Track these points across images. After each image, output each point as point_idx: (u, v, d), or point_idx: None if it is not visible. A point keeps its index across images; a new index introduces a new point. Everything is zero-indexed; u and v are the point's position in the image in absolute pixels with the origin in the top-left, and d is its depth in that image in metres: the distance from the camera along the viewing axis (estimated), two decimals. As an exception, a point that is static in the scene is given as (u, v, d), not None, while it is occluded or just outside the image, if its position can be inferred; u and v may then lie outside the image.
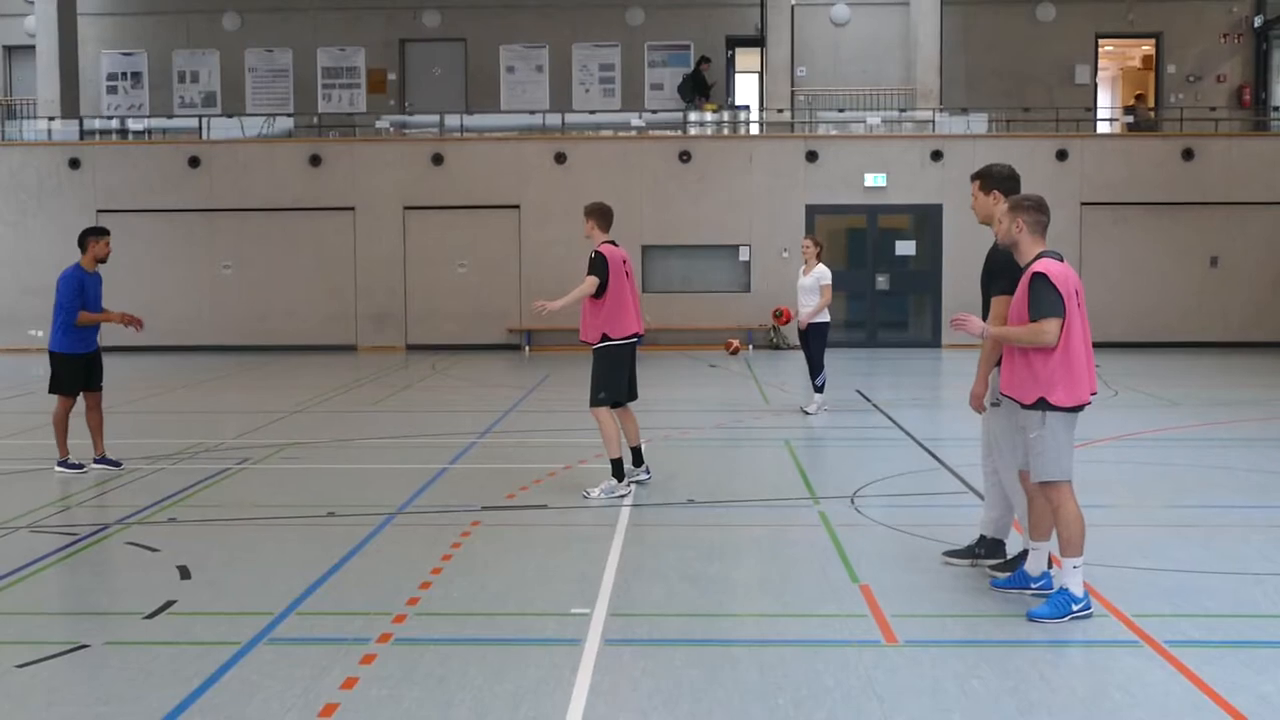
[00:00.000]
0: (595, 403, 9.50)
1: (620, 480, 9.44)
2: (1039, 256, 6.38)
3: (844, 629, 6.21)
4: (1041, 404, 6.27)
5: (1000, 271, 6.82)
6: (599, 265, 9.42)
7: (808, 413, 13.95)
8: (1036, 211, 6.44)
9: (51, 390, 10.79)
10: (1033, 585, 6.67)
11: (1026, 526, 6.93)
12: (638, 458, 9.87)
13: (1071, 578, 6.28)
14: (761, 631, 6.25)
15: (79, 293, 10.56)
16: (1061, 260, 6.41)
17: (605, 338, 9.46)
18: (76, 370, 10.71)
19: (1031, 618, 6.25)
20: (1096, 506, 9.25)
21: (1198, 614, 6.45)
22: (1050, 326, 6.18)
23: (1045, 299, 6.20)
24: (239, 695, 5.32)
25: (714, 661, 5.73)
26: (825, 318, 14.15)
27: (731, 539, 8.27)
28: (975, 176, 7.24)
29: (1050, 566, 6.70)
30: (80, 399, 10.83)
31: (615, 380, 9.52)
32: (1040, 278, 6.25)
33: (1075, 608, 6.24)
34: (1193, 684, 5.40)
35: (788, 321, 14.76)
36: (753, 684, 5.43)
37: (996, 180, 7.10)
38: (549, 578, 7.17)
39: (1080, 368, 6.29)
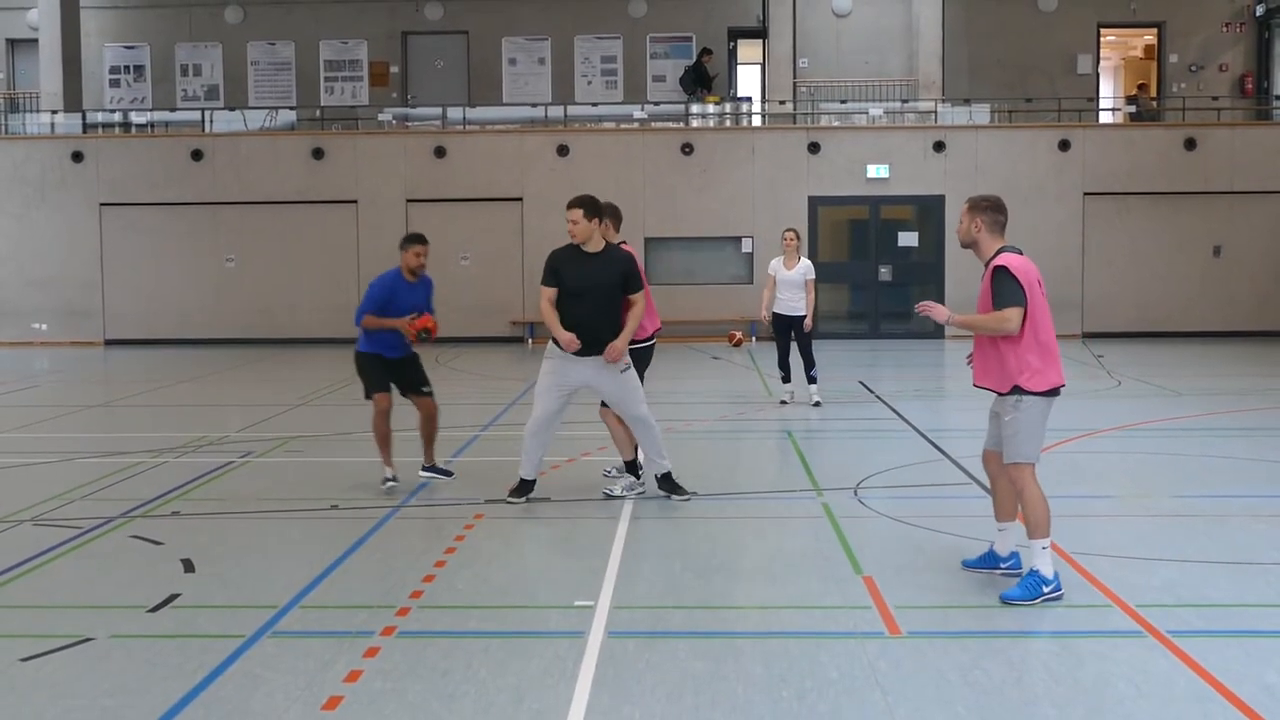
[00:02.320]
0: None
1: (637, 477, 9.32)
2: (999, 251, 6.62)
3: (847, 620, 6.22)
4: (1017, 390, 6.48)
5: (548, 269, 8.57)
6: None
7: (818, 404, 13.89)
8: (994, 211, 6.71)
9: (367, 395, 9.73)
10: (1002, 565, 6.86)
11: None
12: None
13: (1041, 559, 6.42)
14: (765, 623, 6.26)
15: (383, 299, 9.50)
16: (1021, 254, 6.65)
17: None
18: (376, 367, 9.67)
19: (1005, 600, 6.37)
20: (1100, 497, 9.27)
21: (1201, 604, 6.45)
22: (1013, 315, 6.41)
23: (1007, 289, 6.45)
24: (243, 688, 5.34)
25: (718, 653, 5.74)
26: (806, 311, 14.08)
27: (735, 531, 8.28)
28: (579, 205, 8.61)
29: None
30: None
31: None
32: (1001, 270, 6.50)
33: (1046, 589, 6.36)
34: (1196, 674, 5.40)
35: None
36: (756, 676, 5.44)
37: (606, 212, 8.81)
38: (552, 570, 7.18)
39: (1052, 353, 6.54)
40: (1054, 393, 6.51)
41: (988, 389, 6.66)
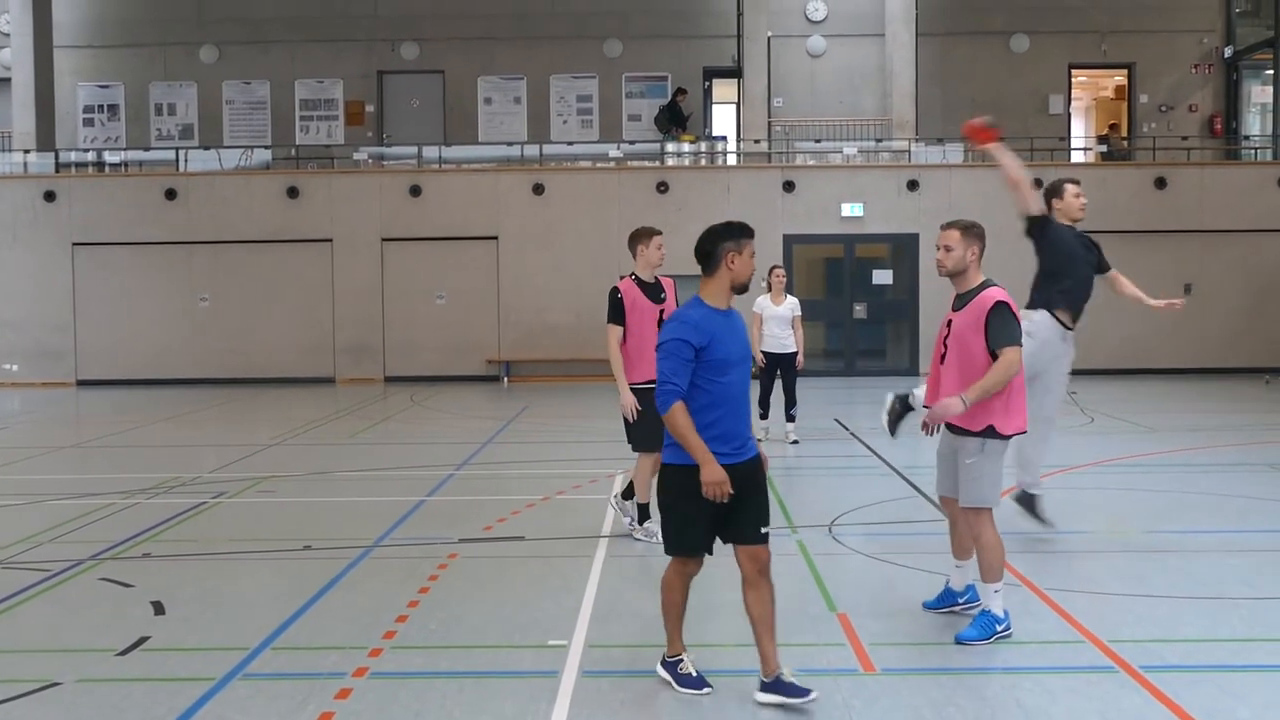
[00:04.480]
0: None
1: (649, 519, 8.90)
2: (986, 285, 6.48)
3: (822, 658, 6.20)
4: (989, 431, 6.39)
5: None
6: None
7: (795, 442, 13.89)
8: (984, 241, 6.56)
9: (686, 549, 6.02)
10: (960, 601, 6.89)
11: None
12: (638, 506, 9.42)
13: (993, 600, 6.44)
14: (740, 661, 6.22)
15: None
16: None
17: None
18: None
19: (960, 641, 6.36)
20: (1074, 533, 9.28)
21: (1175, 639, 6.46)
22: (1016, 357, 6.28)
23: (1010, 328, 6.31)
24: (212, 731, 5.27)
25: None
26: (796, 348, 14.13)
27: (710, 569, 8.20)
28: None
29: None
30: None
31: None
32: (1004, 307, 6.34)
33: (999, 628, 6.39)
34: (1170, 710, 5.40)
35: None
36: (731, 714, 5.41)
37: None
38: (526, 610, 7.14)
39: (1022, 398, 6.48)
40: (1016, 435, 6.51)
41: (959, 428, 6.46)
